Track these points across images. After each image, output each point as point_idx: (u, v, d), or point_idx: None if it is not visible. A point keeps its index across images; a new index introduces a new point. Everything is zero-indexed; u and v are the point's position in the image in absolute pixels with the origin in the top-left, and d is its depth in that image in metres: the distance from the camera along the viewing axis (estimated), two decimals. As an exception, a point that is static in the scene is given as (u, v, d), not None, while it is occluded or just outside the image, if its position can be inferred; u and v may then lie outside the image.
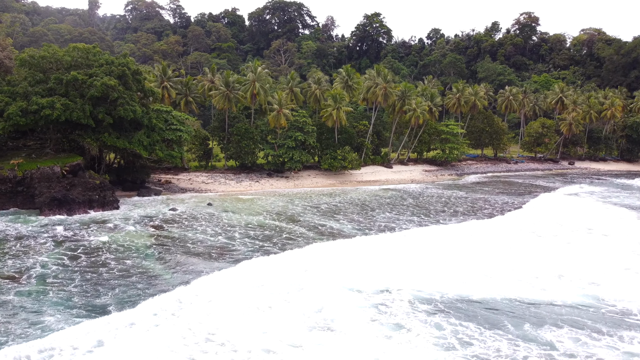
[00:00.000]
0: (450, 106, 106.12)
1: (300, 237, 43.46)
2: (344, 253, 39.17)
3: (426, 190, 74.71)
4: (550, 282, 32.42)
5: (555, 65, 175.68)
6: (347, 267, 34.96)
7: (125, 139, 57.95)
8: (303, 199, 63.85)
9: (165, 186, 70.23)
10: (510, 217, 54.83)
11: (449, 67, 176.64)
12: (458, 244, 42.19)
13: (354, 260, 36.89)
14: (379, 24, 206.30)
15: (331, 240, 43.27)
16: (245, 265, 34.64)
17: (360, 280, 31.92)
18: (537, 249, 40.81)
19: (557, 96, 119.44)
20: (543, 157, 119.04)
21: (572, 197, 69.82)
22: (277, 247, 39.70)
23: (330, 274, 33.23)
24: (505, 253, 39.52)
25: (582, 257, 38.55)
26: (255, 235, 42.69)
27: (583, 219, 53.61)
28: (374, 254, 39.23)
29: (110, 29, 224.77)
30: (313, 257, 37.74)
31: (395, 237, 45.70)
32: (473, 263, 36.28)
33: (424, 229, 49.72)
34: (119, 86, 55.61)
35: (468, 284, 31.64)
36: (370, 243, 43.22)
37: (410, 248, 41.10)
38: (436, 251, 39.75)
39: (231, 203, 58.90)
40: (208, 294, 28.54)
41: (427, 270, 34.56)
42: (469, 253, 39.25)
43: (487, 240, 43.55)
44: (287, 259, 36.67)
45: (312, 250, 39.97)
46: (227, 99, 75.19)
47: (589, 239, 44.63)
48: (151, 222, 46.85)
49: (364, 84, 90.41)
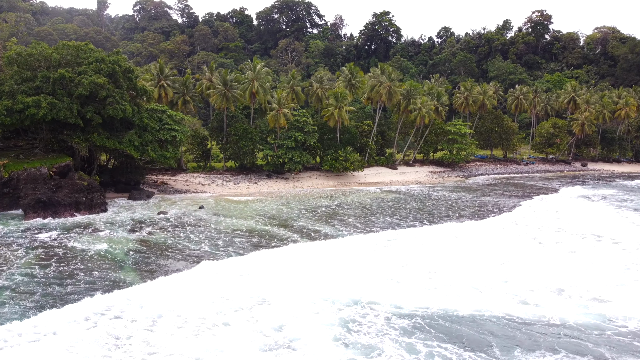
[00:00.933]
0: (457, 105, 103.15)
1: (290, 244, 41.08)
2: (322, 256, 36.80)
3: (431, 192, 71.97)
4: (547, 297, 29.09)
5: (568, 64, 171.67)
6: (323, 274, 32.40)
7: (115, 139, 56.10)
8: (300, 201, 61.49)
9: (161, 187, 68.29)
10: (511, 221, 51.64)
11: (459, 66, 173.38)
12: (450, 250, 39.39)
13: (331, 265, 34.48)
14: (388, 22, 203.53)
15: (309, 242, 41.20)
16: (204, 269, 32.38)
17: (334, 290, 29.27)
18: (537, 258, 37.32)
19: (569, 95, 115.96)
20: (554, 158, 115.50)
21: (582, 200, 66.58)
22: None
23: (301, 281, 30.74)
24: (500, 262, 36.17)
25: (588, 268, 35.08)
26: (241, 243, 40.10)
27: (592, 224, 50.10)
28: (355, 257, 36.76)
29: (118, 29, 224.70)
30: (286, 260, 35.50)
31: (382, 238, 43.16)
32: (463, 273, 33.28)
33: (414, 230, 47.19)
34: (108, 84, 53.74)
35: (455, 297, 28.71)
36: (353, 244, 40.78)
37: (397, 252, 38.51)
38: (425, 257, 36.97)
39: (225, 206, 56.71)
40: (156, 308, 25.95)
41: (411, 279, 31.78)
42: (459, 261, 36.26)
43: (482, 247, 40.45)
44: (256, 262, 34.54)
45: (286, 252, 37.73)
46: (225, 98, 73.07)
47: (597, 247, 41.02)
48: (136, 227, 44.75)
49: (368, 83, 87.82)
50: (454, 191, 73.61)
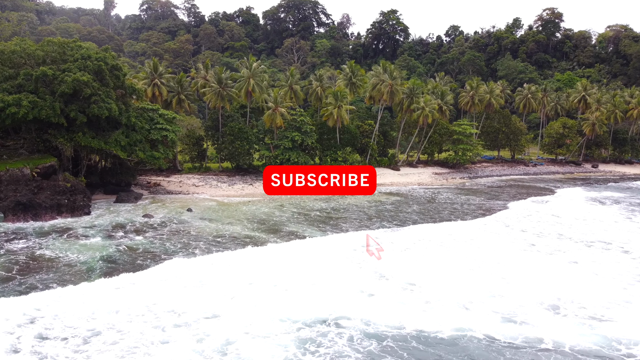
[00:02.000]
0: (463, 105, 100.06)
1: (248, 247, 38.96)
2: (292, 262, 34.36)
3: (435, 195, 69.15)
4: (540, 315, 25.73)
5: (580, 63, 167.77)
6: (289, 283, 29.76)
7: (101, 139, 54.14)
8: (295, 204, 59.05)
9: (153, 189, 66.26)
10: (505, 225, 48.47)
11: (468, 65, 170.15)
12: (435, 258, 36.41)
13: (301, 273, 31.91)
14: (395, 21, 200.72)
15: (274, 243, 39.22)
16: (157, 276, 29.92)
17: (298, 302, 26.52)
18: (532, 269, 33.54)
19: (579, 95, 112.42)
20: (564, 159, 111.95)
21: (590, 204, 63.27)
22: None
23: (263, 291, 28.18)
24: (490, 272, 32.63)
25: (590, 281, 31.61)
26: (219, 252, 37.63)
27: (599, 230, 46.81)
28: (330, 264, 34.13)
29: (125, 28, 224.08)
30: (252, 266, 33.04)
31: (361, 238, 40.50)
32: (446, 285, 30.08)
33: (399, 231, 44.64)
34: (93, 82, 51.78)
35: (435, 314, 25.61)
36: (329, 249, 38.19)
37: (378, 257, 35.84)
38: (406, 266, 34.02)
39: (215, 208, 54.43)
40: (94, 323, 23.48)
41: (388, 291, 28.76)
42: (443, 270, 33.03)
43: (471, 255, 37.07)
44: (216, 269, 32.14)
45: (253, 256, 35.41)
46: (220, 96, 70.88)
47: (603, 256, 37.58)
48: (115, 232, 42.53)
49: (370, 81, 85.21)
50: (459, 194, 70.64)
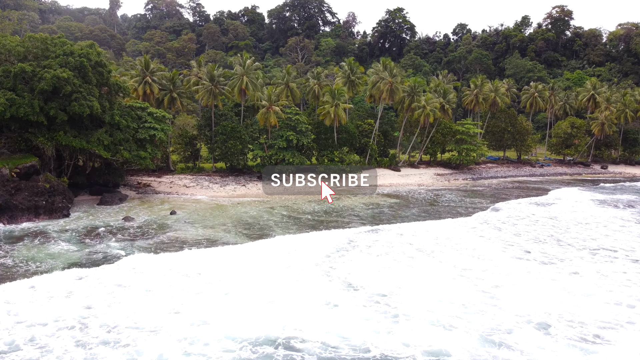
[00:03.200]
0: (467, 103, 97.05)
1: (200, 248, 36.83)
2: (253, 268, 32.01)
3: (435, 197, 66.43)
4: (526, 335, 22.65)
5: (590, 62, 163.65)
6: (243, 293, 27.22)
7: (83, 138, 52.07)
8: (286, 206, 56.66)
9: (142, 190, 64.20)
10: (501, 229, 45.56)
11: (475, 63, 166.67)
12: (417, 263, 33.75)
13: (260, 281, 29.46)
14: (401, 19, 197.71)
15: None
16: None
17: (248, 318, 23.65)
18: (526, 280, 30.59)
19: (588, 93, 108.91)
20: (572, 160, 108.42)
21: (596, 207, 60.03)
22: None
23: (208, 303, 25.64)
24: (474, 284, 29.70)
25: (589, 295, 28.40)
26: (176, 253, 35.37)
27: (606, 237, 43.66)
28: (294, 270, 31.68)
29: (131, 28, 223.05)
30: (207, 270, 30.53)
31: (336, 244, 38.15)
32: (423, 297, 27.04)
33: (375, 235, 42.10)
34: (74, 79, 49.73)
35: (406, 334, 22.47)
36: (296, 252, 35.78)
37: (350, 264, 33.02)
38: (381, 273, 31.45)
39: (201, 211, 52.13)
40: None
41: (355, 303, 25.93)
42: (422, 280, 29.90)
43: (458, 261, 34.31)
44: (168, 275, 29.69)
45: (209, 258, 33.03)
46: (212, 94, 68.67)
47: (608, 266, 34.49)
48: (88, 236, 40.30)
49: (370, 79, 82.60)
50: (461, 195, 67.84)
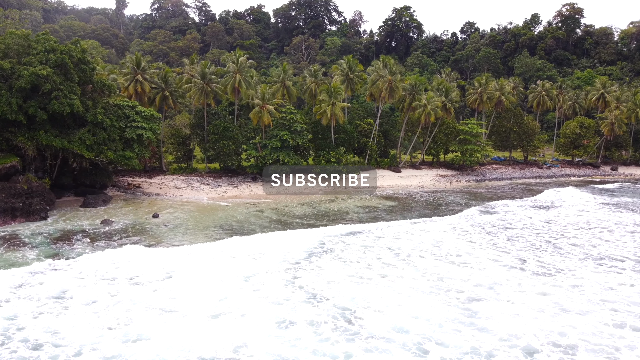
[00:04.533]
0: (471, 102, 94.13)
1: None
2: (207, 271, 29.95)
3: (435, 199, 63.85)
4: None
5: (601, 61, 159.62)
6: (185, 307, 25.24)
7: (64, 138, 50.19)
8: (276, 208, 54.38)
9: (130, 191, 62.30)
10: (494, 234, 42.87)
11: (483, 62, 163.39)
12: (393, 271, 31.28)
13: (210, 288, 27.55)
14: (409, 17, 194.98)
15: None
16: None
17: (180, 340, 21.29)
18: (518, 295, 27.80)
19: (598, 92, 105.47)
20: (581, 161, 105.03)
21: (603, 211, 57.07)
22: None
23: (139, 320, 23.56)
24: (456, 297, 27.11)
25: (590, 314, 25.31)
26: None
27: (613, 245, 41.04)
28: (258, 274, 29.74)
29: (137, 27, 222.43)
30: (148, 277, 28.37)
31: (308, 249, 35.93)
32: (396, 317, 24.33)
33: (352, 239, 39.71)
34: (54, 76, 47.86)
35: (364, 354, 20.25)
36: (263, 250, 33.98)
37: (318, 276, 30.55)
38: (353, 281, 29.20)
39: (185, 214, 49.95)
40: None
41: (315, 320, 23.56)
42: (395, 296, 27.22)
43: (441, 270, 31.81)
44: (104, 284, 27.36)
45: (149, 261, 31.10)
46: (204, 93, 66.62)
47: (615, 279, 31.22)
48: (59, 241, 38.24)
49: (369, 78, 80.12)
50: (465, 198, 65.24)
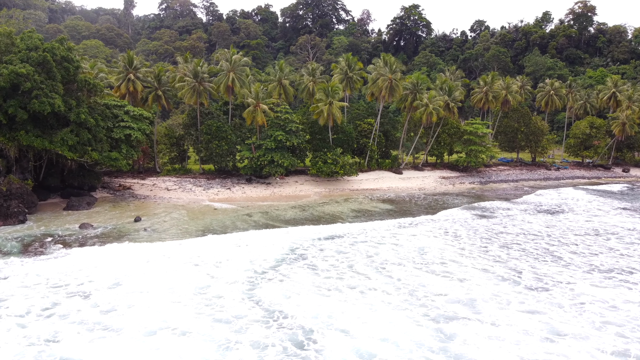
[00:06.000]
0: (476, 102, 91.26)
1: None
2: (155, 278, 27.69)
3: (435, 202, 61.38)
4: None
5: (614, 59, 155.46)
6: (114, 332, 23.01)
7: (46, 138, 48.57)
8: (266, 212, 52.26)
9: (119, 193, 60.64)
10: (490, 240, 40.56)
11: (492, 61, 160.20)
12: (370, 282, 28.82)
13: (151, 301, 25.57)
14: (417, 16, 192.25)
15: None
16: None
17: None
18: (500, 312, 25.62)
19: (609, 91, 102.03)
20: (591, 162, 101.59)
21: (616, 217, 54.35)
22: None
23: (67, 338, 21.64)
24: (438, 319, 25.10)
25: (588, 339, 23.11)
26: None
27: (622, 255, 38.65)
28: (215, 284, 27.96)
29: (145, 28, 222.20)
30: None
31: (282, 244, 34.74)
32: (368, 338, 22.44)
33: (330, 237, 37.22)
34: (34, 75, 46.27)
35: None
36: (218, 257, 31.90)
37: (286, 278, 28.06)
38: (319, 292, 27.02)
39: (170, 218, 48.06)
40: None
41: (263, 342, 21.81)
42: (371, 310, 25.23)
43: (423, 283, 29.49)
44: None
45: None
46: (197, 92, 64.80)
47: (622, 295, 28.53)
48: (33, 245, 36.61)
49: (370, 76, 77.75)
50: (467, 201, 62.67)
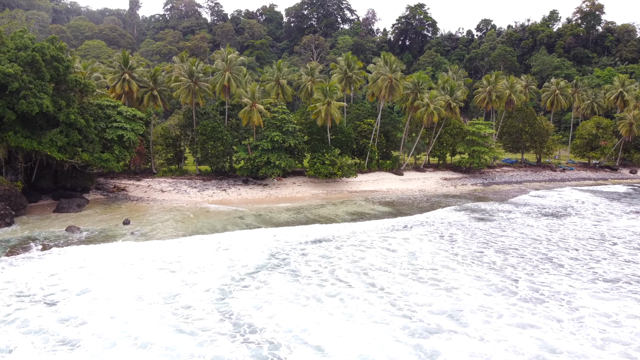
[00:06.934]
0: (479, 101, 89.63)
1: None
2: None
3: (437, 205, 60.00)
4: None
5: (622, 59, 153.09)
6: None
7: (35, 139, 47.75)
8: (259, 215, 51.11)
9: (113, 194, 59.77)
10: (486, 246, 39.28)
11: (498, 60, 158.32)
12: (352, 291, 27.41)
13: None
14: (423, 15, 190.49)
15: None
16: None
17: None
18: (488, 326, 24.56)
19: (616, 91, 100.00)
20: (598, 163, 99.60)
21: (623, 220, 52.74)
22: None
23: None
24: (413, 334, 23.15)
25: (587, 358, 21.96)
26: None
27: (625, 261, 37.16)
28: (177, 296, 26.34)
29: (150, 28, 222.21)
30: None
31: (263, 249, 31.71)
32: (343, 355, 21.10)
33: (316, 242, 35.54)
34: (22, 75, 45.45)
35: None
36: (197, 263, 29.46)
37: (264, 285, 26.83)
38: (296, 302, 25.41)
39: (160, 220, 47.05)
40: None
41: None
42: (350, 322, 23.76)
43: (408, 291, 28.14)
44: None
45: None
46: (192, 92, 63.82)
47: (627, 308, 27.41)
48: (15, 251, 35.59)
49: (370, 75, 76.43)
50: (468, 203, 61.27)
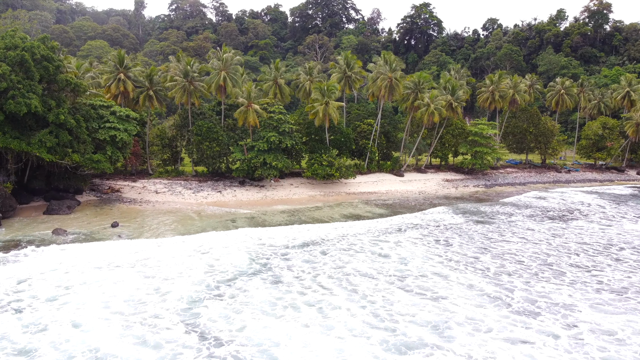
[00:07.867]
0: (482, 101, 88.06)
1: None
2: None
3: (434, 206, 58.70)
4: None
5: (631, 58, 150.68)
6: None
7: (23, 140, 46.95)
8: (252, 218, 50.04)
9: (106, 196, 58.96)
10: (483, 253, 37.96)
11: (504, 60, 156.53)
12: (332, 300, 26.24)
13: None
14: (428, 15, 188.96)
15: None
16: None
17: None
18: (474, 340, 23.47)
19: (623, 91, 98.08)
20: (604, 165, 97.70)
21: (632, 226, 51.23)
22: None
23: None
24: (393, 350, 21.79)
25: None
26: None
27: (634, 268, 35.91)
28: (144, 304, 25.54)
29: (155, 28, 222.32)
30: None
31: (245, 252, 30.62)
32: None
33: (304, 246, 34.19)
34: (10, 74, 44.67)
35: None
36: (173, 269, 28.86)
37: (240, 293, 25.59)
38: (272, 312, 24.27)
39: (149, 223, 46.13)
40: None
41: None
42: (325, 335, 22.49)
43: (393, 300, 27.04)
44: None
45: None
46: (187, 92, 62.89)
47: (630, 323, 26.11)
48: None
49: (370, 75, 75.22)
50: (466, 210, 59.90)
